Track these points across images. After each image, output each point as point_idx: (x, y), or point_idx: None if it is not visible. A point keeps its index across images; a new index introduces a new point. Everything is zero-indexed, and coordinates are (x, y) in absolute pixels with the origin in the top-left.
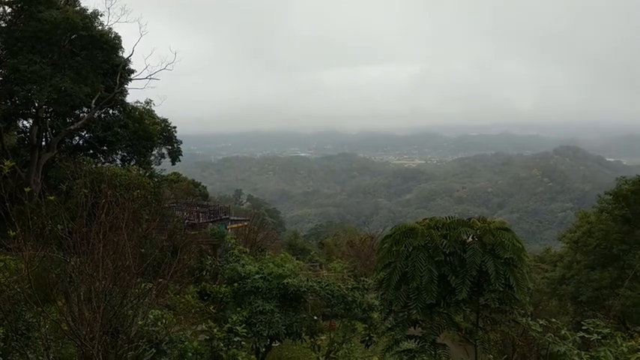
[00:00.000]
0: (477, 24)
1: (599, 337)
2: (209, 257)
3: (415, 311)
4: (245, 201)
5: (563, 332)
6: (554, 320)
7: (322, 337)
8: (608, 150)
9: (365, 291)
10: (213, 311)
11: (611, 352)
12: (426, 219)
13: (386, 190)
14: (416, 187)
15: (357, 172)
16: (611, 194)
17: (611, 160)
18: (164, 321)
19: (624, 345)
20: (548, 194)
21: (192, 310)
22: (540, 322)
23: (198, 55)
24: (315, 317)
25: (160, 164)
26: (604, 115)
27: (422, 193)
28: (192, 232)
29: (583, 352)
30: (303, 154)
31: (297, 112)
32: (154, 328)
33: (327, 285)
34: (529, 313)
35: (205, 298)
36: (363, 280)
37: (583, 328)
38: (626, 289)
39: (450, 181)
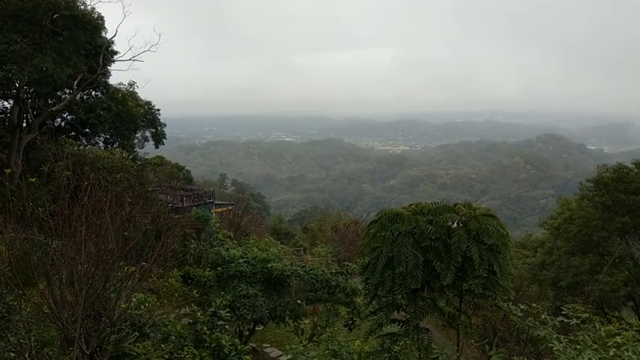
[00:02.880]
0: (454, 8)
1: (578, 322)
2: (193, 241)
3: (400, 296)
4: (230, 185)
5: (543, 317)
6: (534, 305)
7: (306, 321)
8: (590, 138)
9: (348, 276)
10: (197, 295)
11: (589, 336)
12: (412, 205)
13: (370, 175)
14: (400, 173)
15: (342, 158)
16: (592, 182)
17: (593, 148)
18: (147, 304)
19: (602, 329)
20: (530, 181)
21: (176, 294)
22: (521, 307)
23: (181, 36)
24: (299, 301)
25: (143, 147)
26: (586, 103)
27: (406, 179)
28: (176, 216)
29: (562, 337)
30: (288, 139)
31: (282, 97)
32: (137, 312)
33: (311, 269)
34: (511, 299)
35: (189, 282)
36: (347, 265)
37: (562, 312)
38: (605, 275)
39: (434, 168)
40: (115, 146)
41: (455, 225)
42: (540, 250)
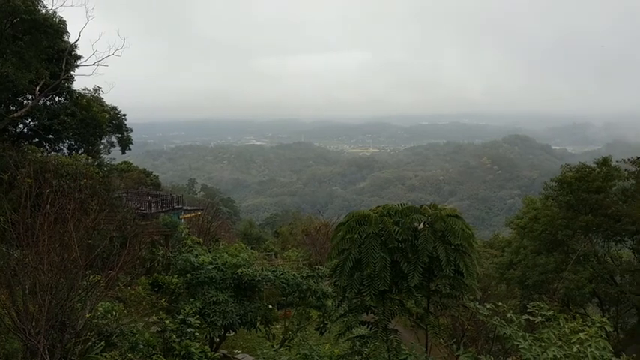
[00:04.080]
0: (415, 12)
1: (543, 319)
2: (161, 248)
3: (368, 297)
4: (199, 190)
5: (509, 315)
6: (500, 304)
7: (277, 326)
8: (554, 138)
9: (320, 279)
10: (166, 303)
11: (554, 333)
12: (379, 207)
13: (341, 178)
14: (370, 175)
15: (313, 161)
16: (555, 181)
17: (557, 148)
18: (114, 313)
19: (566, 326)
20: (497, 182)
21: (144, 302)
22: (488, 306)
23: (146, 40)
24: (270, 306)
25: (109, 153)
26: (548, 105)
27: (376, 181)
28: (144, 223)
29: (528, 334)
30: (258, 143)
31: (251, 100)
32: (103, 321)
33: (282, 274)
34: (478, 298)
35: (157, 289)
36: (318, 268)
37: (528, 310)
38: (570, 272)
39: (403, 170)
40: (79, 152)
41: (421, 226)
42: (507, 249)
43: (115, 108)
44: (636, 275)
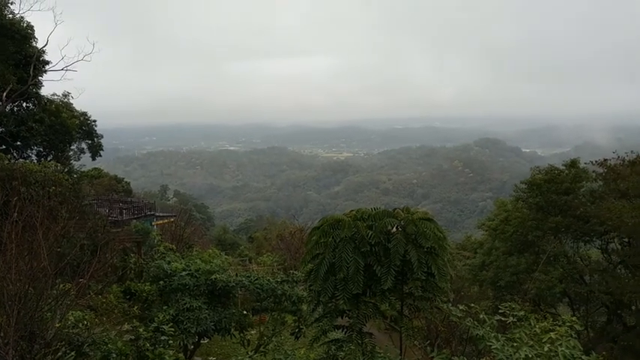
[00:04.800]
0: (382, 17)
1: (515, 320)
2: (133, 255)
3: (342, 301)
4: (172, 196)
5: (481, 316)
6: (473, 305)
7: (252, 332)
8: (524, 141)
9: (294, 283)
10: (138, 311)
11: (525, 333)
12: (352, 211)
13: (315, 183)
14: (344, 179)
15: (287, 166)
16: (525, 183)
17: (527, 151)
18: (85, 322)
19: (537, 326)
20: (469, 184)
21: (116, 310)
22: (461, 308)
23: (116, 45)
24: (245, 312)
25: (79, 160)
26: (518, 107)
27: (350, 185)
28: (115, 230)
29: (500, 335)
30: (231, 148)
31: (224, 105)
32: (74, 330)
33: (257, 279)
34: (451, 300)
35: (130, 297)
36: (293, 273)
37: (500, 311)
38: (540, 273)
39: (377, 173)
40: (48, 159)
41: (394, 229)
42: (480, 251)
43: (84, 114)
44: (605, 275)
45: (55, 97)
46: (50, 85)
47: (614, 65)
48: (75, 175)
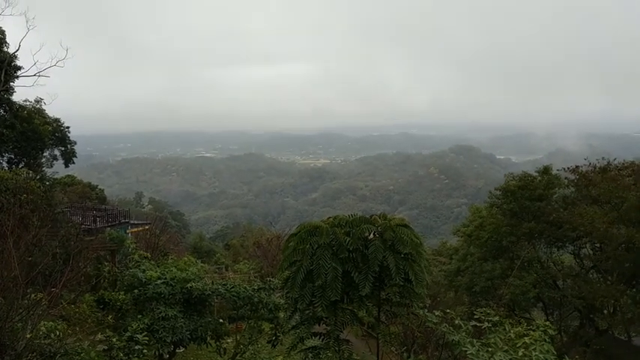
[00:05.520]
0: (355, 25)
1: (490, 325)
2: (107, 264)
3: (320, 308)
4: (147, 204)
5: (457, 322)
6: (449, 311)
7: (228, 340)
8: (498, 148)
9: (271, 291)
10: (112, 320)
11: (500, 338)
12: (330, 217)
13: (292, 189)
14: (322, 186)
15: (264, 172)
16: (500, 190)
17: (501, 157)
18: (57, 332)
19: (512, 331)
20: (444, 191)
21: (89, 320)
22: (437, 314)
23: (88, 51)
24: (221, 320)
25: (52, 167)
26: (491, 115)
27: (327, 192)
28: (88, 238)
29: (475, 340)
30: (208, 155)
31: (200, 112)
32: (45, 341)
33: (233, 287)
34: (427, 305)
35: (103, 306)
36: (270, 280)
37: (475, 317)
38: (515, 278)
39: (354, 180)
40: (20, 166)
41: (371, 236)
42: (455, 256)
43: (57, 120)
44: (577, 280)
45: (27, 103)
46: (22, 91)
47: (585, 73)
48: (47, 183)
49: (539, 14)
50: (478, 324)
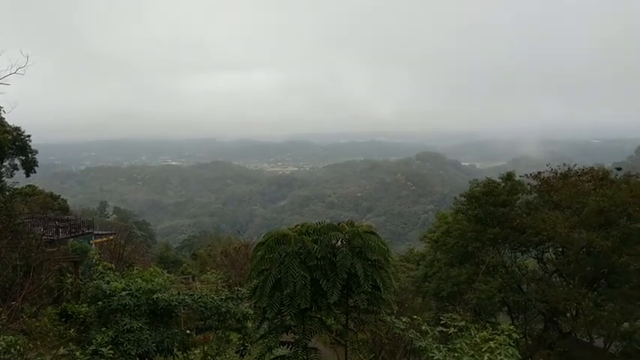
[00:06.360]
0: (319, 32)
1: (456, 330)
2: (70, 275)
3: (289, 317)
4: (111, 213)
5: (424, 328)
6: (416, 317)
7: (196, 351)
8: (463, 155)
9: (239, 300)
10: (75, 333)
11: (466, 343)
12: (298, 225)
13: (261, 197)
14: (290, 193)
15: (232, 180)
16: (465, 196)
17: (466, 164)
18: (18, 347)
19: (477, 336)
20: (411, 197)
21: (51, 334)
22: (404, 320)
23: (55, 60)
24: (188, 331)
25: (12, 177)
26: (456, 122)
27: (296, 199)
28: (50, 249)
29: (442, 345)
30: (174, 163)
31: (166, 119)
32: (5, 356)
33: (200, 297)
34: (394, 312)
35: (66, 319)
36: (238, 290)
37: (441, 322)
38: (481, 283)
39: (323, 187)
40: None
41: (339, 243)
42: (422, 262)
43: (17, 129)
44: (541, 284)
45: None
46: None
47: (546, 81)
48: (7, 193)
49: (500, 22)
50: (445, 329)
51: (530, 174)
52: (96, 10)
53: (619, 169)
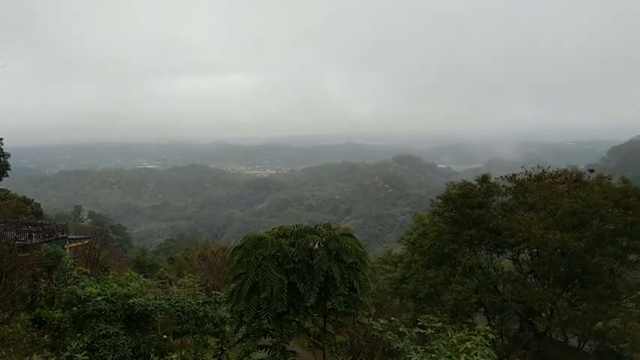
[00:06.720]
0: (293, 35)
1: (433, 331)
2: (43, 281)
3: (266, 321)
4: (86, 217)
5: (401, 329)
6: (393, 319)
7: (173, 356)
8: (440, 157)
9: (217, 304)
10: (49, 340)
11: (443, 344)
12: (275, 228)
13: (239, 200)
14: (268, 196)
15: (209, 184)
16: (441, 198)
17: (443, 166)
18: None
19: (454, 336)
20: (389, 199)
21: (24, 340)
22: (382, 322)
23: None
24: (165, 336)
25: None
26: (432, 125)
27: (274, 202)
28: (23, 254)
29: (419, 347)
30: (150, 166)
31: (142, 122)
32: None
33: (177, 302)
34: (372, 314)
35: (39, 325)
36: (215, 294)
37: (419, 324)
38: (457, 284)
39: (301, 190)
40: None
41: (316, 246)
42: (400, 264)
43: None
44: (516, 284)
45: None
46: None
47: (521, 83)
48: None
49: (477, 24)
50: (422, 330)
51: (506, 176)
52: (71, 10)
53: (592, 170)
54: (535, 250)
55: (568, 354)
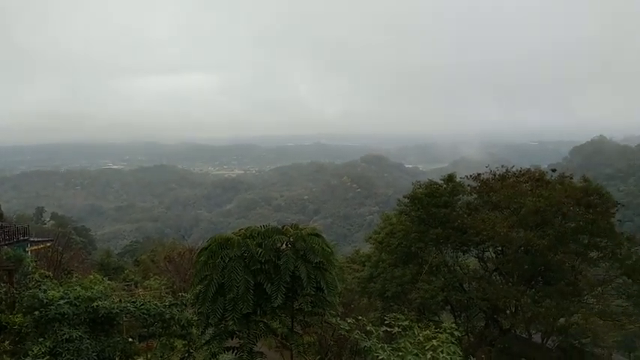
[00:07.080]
0: (256, 35)
1: (400, 330)
2: (3, 284)
3: (232, 322)
4: (48, 219)
5: (368, 328)
6: (361, 318)
7: (139, 359)
8: (407, 157)
9: (184, 306)
10: (9, 346)
11: (410, 342)
12: (242, 229)
13: (206, 201)
14: (236, 197)
15: (176, 184)
16: (408, 198)
17: (410, 166)
18: None
19: (421, 335)
20: (357, 199)
21: None
22: (349, 321)
23: None
24: (131, 339)
25: None
26: (398, 125)
27: (242, 202)
28: None
29: (386, 345)
30: (115, 167)
31: (106, 122)
32: None
33: (143, 304)
34: (340, 313)
35: (0, 330)
36: (182, 296)
37: (386, 322)
38: (424, 282)
39: (269, 190)
40: None
41: (284, 246)
42: (368, 263)
43: None
44: (481, 282)
45: None
46: None
47: (485, 84)
48: None
49: (442, 26)
50: (389, 329)
51: (471, 175)
52: (30, 8)
53: (554, 170)
54: (500, 249)
55: (532, 350)
